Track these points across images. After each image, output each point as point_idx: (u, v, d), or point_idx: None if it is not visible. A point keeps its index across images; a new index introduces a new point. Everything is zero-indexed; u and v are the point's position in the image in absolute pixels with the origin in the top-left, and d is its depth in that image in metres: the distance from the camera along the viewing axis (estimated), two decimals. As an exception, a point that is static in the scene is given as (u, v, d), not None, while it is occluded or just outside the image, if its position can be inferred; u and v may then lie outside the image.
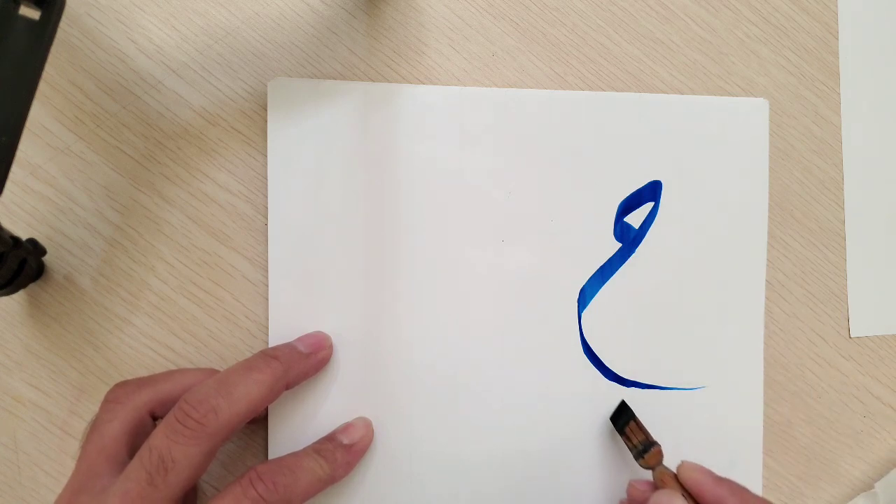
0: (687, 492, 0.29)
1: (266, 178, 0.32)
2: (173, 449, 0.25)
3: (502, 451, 0.33)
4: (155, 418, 0.28)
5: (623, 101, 0.34)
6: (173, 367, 0.32)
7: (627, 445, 0.32)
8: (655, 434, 0.32)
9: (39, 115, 0.32)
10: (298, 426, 0.32)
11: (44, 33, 0.23)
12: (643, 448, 0.31)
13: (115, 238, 0.32)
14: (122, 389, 0.28)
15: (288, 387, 0.29)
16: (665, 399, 0.34)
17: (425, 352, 0.33)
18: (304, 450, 0.29)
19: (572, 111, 0.34)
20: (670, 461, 0.32)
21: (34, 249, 0.30)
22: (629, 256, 0.34)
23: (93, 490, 0.26)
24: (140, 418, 0.28)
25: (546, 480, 0.33)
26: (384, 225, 0.33)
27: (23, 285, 0.31)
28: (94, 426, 0.27)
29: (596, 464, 0.33)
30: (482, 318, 0.33)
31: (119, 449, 0.27)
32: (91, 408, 0.32)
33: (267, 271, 0.32)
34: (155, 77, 0.32)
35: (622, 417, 0.32)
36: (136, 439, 0.27)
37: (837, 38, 0.36)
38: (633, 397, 0.33)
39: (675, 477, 0.30)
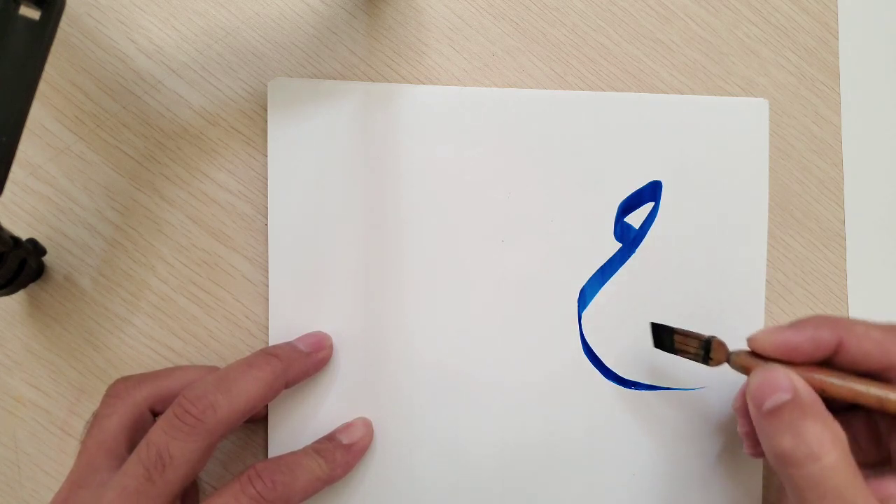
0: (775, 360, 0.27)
1: (266, 178, 0.32)
2: (171, 445, 0.25)
3: (502, 451, 0.33)
4: (155, 414, 0.29)
5: (623, 101, 0.34)
6: (173, 366, 0.32)
7: (688, 358, 0.30)
8: (656, 434, 0.33)
9: (39, 115, 0.32)
10: (298, 426, 0.32)
11: (44, 33, 0.23)
12: (704, 350, 0.29)
13: (115, 238, 0.32)
14: (122, 385, 0.28)
15: (287, 385, 0.29)
16: (665, 399, 0.34)
17: (425, 352, 0.33)
18: (304, 449, 0.29)
19: (572, 111, 0.34)
20: (673, 459, 0.32)
21: (34, 249, 0.31)
22: (629, 256, 0.34)
23: (91, 484, 0.26)
24: (140, 414, 0.28)
25: (546, 480, 0.33)
26: (384, 225, 0.33)
27: (23, 285, 0.31)
28: (95, 421, 0.27)
29: (596, 463, 0.33)
30: (482, 318, 0.33)
31: (118, 444, 0.27)
32: (91, 408, 0.32)
33: (267, 271, 0.32)
34: (155, 77, 0.32)
35: (663, 337, 0.31)
36: (135, 435, 0.27)
37: (837, 38, 0.36)
38: (633, 397, 0.33)
39: (753, 352, 0.28)
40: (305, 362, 0.30)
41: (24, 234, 0.31)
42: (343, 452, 0.30)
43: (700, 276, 0.34)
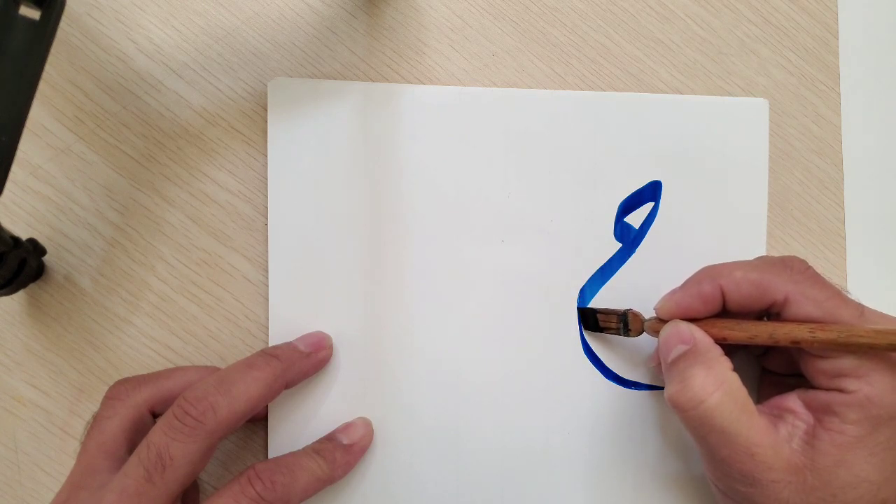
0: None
1: (266, 178, 0.32)
2: (171, 446, 0.25)
3: (502, 451, 0.33)
4: (155, 416, 0.29)
5: (623, 101, 0.34)
6: (173, 367, 0.32)
7: (612, 334, 0.32)
8: (656, 434, 0.33)
9: (39, 115, 0.32)
10: (298, 426, 0.32)
11: (44, 33, 0.23)
12: (623, 323, 0.32)
13: (115, 238, 0.32)
14: (122, 386, 0.28)
15: (287, 386, 0.29)
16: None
17: (425, 352, 0.33)
18: (304, 449, 0.29)
19: (572, 111, 0.34)
20: (673, 455, 0.32)
21: (34, 249, 0.31)
22: (629, 256, 0.34)
23: (91, 486, 0.26)
24: (140, 415, 0.28)
25: (546, 480, 0.33)
26: (384, 225, 0.33)
27: (23, 285, 0.31)
28: (95, 423, 0.28)
29: (596, 463, 0.33)
30: (482, 318, 0.33)
31: (118, 446, 0.27)
32: (91, 408, 0.32)
33: (267, 271, 0.32)
34: (155, 77, 0.32)
35: (588, 321, 0.33)
36: (135, 436, 0.27)
37: (837, 38, 0.36)
38: (633, 397, 0.33)
39: (662, 319, 0.30)
40: (305, 363, 0.30)
41: (24, 234, 0.31)
42: (343, 452, 0.30)
43: (700, 276, 0.34)
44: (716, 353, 0.28)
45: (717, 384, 0.27)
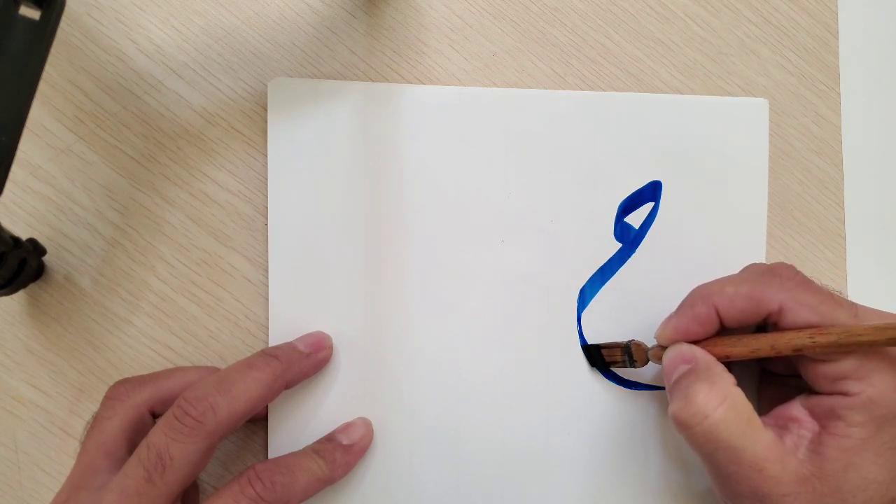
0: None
1: (266, 178, 0.32)
2: (171, 446, 0.25)
3: (502, 451, 0.33)
4: (155, 416, 0.29)
5: (623, 101, 0.34)
6: (173, 367, 0.32)
7: (619, 367, 0.33)
8: (656, 434, 0.33)
9: (39, 115, 0.32)
10: (298, 426, 0.32)
11: (44, 33, 0.23)
12: (628, 355, 0.32)
13: (115, 238, 0.32)
14: (122, 387, 0.28)
15: (287, 386, 0.29)
16: (665, 399, 0.34)
17: (425, 352, 0.33)
18: (304, 450, 0.29)
19: (572, 111, 0.34)
20: (673, 454, 0.32)
21: (34, 249, 0.31)
22: (629, 256, 0.34)
23: (91, 486, 0.26)
24: (140, 416, 0.28)
25: (546, 480, 0.33)
26: (384, 225, 0.33)
27: (23, 285, 0.31)
28: (95, 423, 0.28)
29: (596, 463, 0.33)
30: (482, 318, 0.33)
31: (118, 446, 0.27)
32: (91, 408, 0.32)
33: (267, 271, 0.32)
34: (155, 77, 0.32)
35: (594, 358, 0.33)
36: (135, 437, 0.27)
37: (837, 38, 0.36)
38: (633, 398, 0.33)
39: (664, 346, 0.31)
40: (305, 363, 0.30)
41: (24, 234, 0.31)
42: (343, 453, 0.30)
43: (700, 277, 0.34)
44: (718, 369, 0.28)
45: (720, 399, 0.26)
